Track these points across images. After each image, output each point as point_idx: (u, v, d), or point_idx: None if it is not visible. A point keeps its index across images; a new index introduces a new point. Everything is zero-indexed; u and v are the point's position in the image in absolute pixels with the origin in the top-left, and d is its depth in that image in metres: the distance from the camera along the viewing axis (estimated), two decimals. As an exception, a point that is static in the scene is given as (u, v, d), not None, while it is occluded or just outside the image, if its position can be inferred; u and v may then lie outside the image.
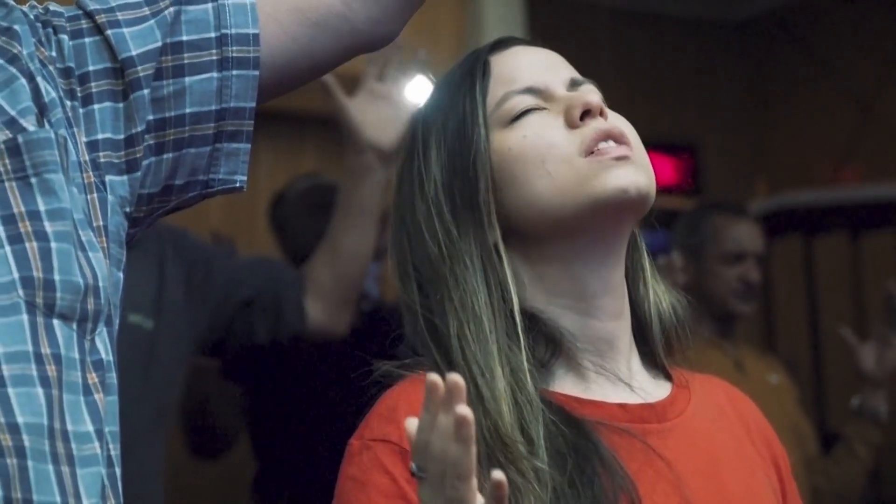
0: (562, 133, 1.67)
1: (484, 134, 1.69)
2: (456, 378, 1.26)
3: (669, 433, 1.67)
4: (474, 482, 1.29)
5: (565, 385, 1.67)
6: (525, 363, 1.62)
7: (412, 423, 1.30)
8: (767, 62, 7.56)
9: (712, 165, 7.30)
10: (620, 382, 1.69)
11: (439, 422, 1.27)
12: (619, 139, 1.66)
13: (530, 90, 1.71)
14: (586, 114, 1.67)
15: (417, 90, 5.15)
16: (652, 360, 1.77)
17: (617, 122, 1.69)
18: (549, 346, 1.67)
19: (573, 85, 1.73)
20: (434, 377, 1.27)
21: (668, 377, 1.77)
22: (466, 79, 1.74)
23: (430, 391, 1.28)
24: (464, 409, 1.25)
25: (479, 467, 1.52)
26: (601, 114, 1.68)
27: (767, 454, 1.77)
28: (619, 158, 1.64)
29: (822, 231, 7.00)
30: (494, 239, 1.68)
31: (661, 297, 1.78)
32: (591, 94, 1.69)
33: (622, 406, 1.67)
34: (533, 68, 1.74)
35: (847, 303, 6.76)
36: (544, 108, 1.70)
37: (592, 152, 1.64)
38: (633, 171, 1.64)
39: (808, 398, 6.16)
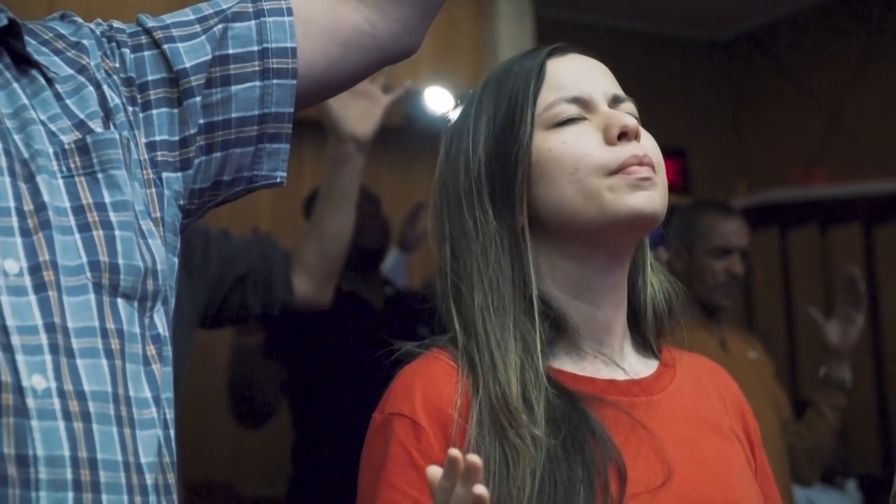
0: (598, 148, 1.64)
1: (529, 132, 1.67)
2: (475, 460, 1.26)
3: (654, 406, 1.66)
4: None
5: (563, 362, 1.66)
6: (537, 341, 1.62)
7: (434, 473, 1.30)
8: (747, 77, 7.57)
9: (699, 168, 7.29)
10: (612, 363, 1.68)
11: (457, 493, 1.27)
12: (647, 164, 1.64)
13: (576, 100, 1.68)
14: (623, 135, 1.65)
15: (431, 98, 5.13)
16: (643, 341, 1.76)
17: (647, 144, 1.68)
18: (554, 328, 1.66)
19: (615, 101, 1.71)
20: (455, 453, 1.27)
21: (657, 357, 1.76)
22: (522, 76, 1.71)
23: (450, 463, 1.27)
24: (480, 490, 1.25)
25: (480, 429, 1.53)
26: (636, 136, 1.66)
27: (741, 427, 1.76)
28: (643, 180, 1.63)
29: (795, 225, 7.01)
30: (522, 223, 1.67)
31: (656, 289, 1.77)
32: (628, 117, 1.67)
33: (612, 382, 1.66)
34: (582, 78, 1.71)
35: (817, 286, 6.76)
36: (586, 119, 1.67)
37: (620, 172, 1.63)
38: (651, 194, 1.63)
39: (784, 370, 6.16)
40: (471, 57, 5.66)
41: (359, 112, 3.18)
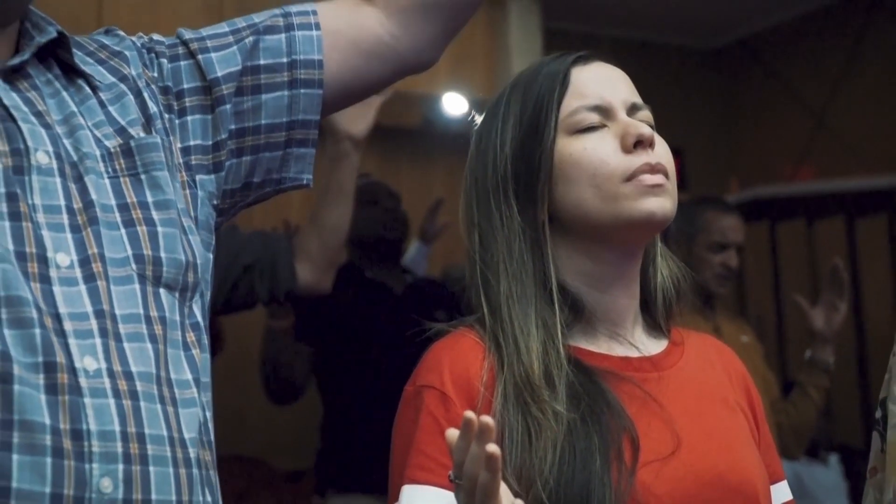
0: (615, 155, 1.64)
1: (552, 136, 1.67)
2: (488, 420, 1.27)
3: (664, 381, 1.67)
4: (500, 498, 1.30)
5: (579, 342, 1.66)
6: (558, 326, 1.63)
7: (452, 435, 1.32)
8: (738, 82, 7.56)
9: (694, 166, 7.27)
10: (626, 342, 1.69)
11: (472, 450, 1.28)
12: (659, 171, 1.65)
13: (597, 108, 1.68)
14: (638, 143, 1.65)
15: (448, 103, 5.12)
16: (653, 323, 1.77)
17: (661, 151, 1.68)
18: (572, 312, 1.66)
19: (633, 109, 1.70)
20: (469, 414, 1.28)
21: (667, 336, 1.77)
22: (548, 82, 1.71)
23: (465, 424, 1.28)
24: (493, 448, 1.26)
25: (504, 402, 1.54)
26: (650, 145, 1.66)
27: (745, 400, 1.76)
28: (655, 187, 1.64)
29: (784, 218, 7.00)
30: (543, 219, 1.67)
31: (665, 276, 1.77)
32: (644, 126, 1.67)
33: (625, 359, 1.67)
34: (603, 86, 1.70)
35: (804, 276, 6.75)
36: (605, 126, 1.67)
37: (635, 178, 1.63)
38: (662, 200, 1.64)
39: (773, 352, 6.16)
40: (484, 65, 5.67)
41: (353, 113, 3.17)
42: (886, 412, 1.81)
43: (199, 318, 1.54)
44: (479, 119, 1.79)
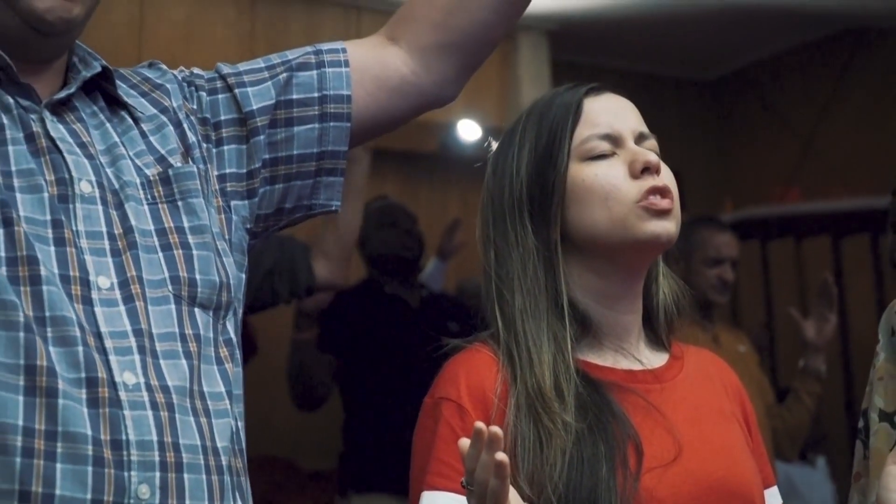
0: (624, 181, 1.65)
1: (565, 162, 1.67)
2: (497, 430, 1.28)
3: (666, 392, 1.67)
4: (509, 502, 1.31)
5: (587, 355, 1.66)
6: (568, 340, 1.63)
7: (464, 444, 1.33)
8: (732, 109, 7.56)
9: (691, 188, 7.26)
10: (630, 356, 1.69)
11: (482, 459, 1.29)
12: (666, 196, 1.65)
13: (607, 137, 1.68)
14: (646, 169, 1.65)
15: (463, 130, 5.11)
16: (655, 337, 1.76)
17: (666, 177, 1.68)
18: (581, 327, 1.66)
19: (641, 138, 1.71)
20: (480, 425, 1.29)
21: (668, 350, 1.76)
22: (561, 111, 1.71)
23: (476, 434, 1.29)
24: (501, 456, 1.27)
25: (517, 412, 1.56)
26: (657, 171, 1.66)
27: (740, 411, 1.76)
28: (661, 211, 1.64)
29: (774, 237, 6.99)
30: (556, 239, 1.67)
31: (667, 293, 1.77)
32: (651, 154, 1.67)
33: (629, 372, 1.67)
34: (613, 116, 1.71)
35: (792, 290, 6.74)
36: (615, 154, 1.68)
37: (644, 201, 1.63)
38: (667, 223, 1.65)
39: (763, 361, 6.14)
40: (497, 94, 5.66)
41: None
42: (868, 422, 1.81)
43: (232, 335, 1.54)
44: (494, 145, 1.79)
